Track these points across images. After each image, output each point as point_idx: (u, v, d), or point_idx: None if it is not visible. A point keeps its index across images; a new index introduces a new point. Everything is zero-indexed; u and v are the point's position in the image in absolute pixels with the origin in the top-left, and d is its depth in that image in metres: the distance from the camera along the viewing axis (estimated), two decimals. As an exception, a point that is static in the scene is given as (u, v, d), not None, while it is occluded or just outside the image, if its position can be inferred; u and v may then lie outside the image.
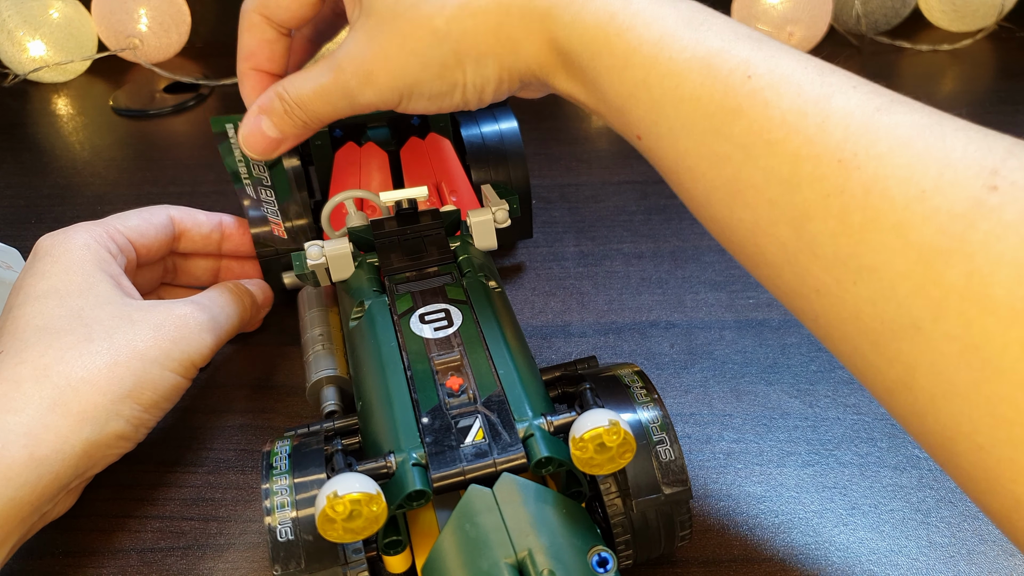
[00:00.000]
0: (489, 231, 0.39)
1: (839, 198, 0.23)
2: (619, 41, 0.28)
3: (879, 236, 0.22)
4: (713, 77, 0.26)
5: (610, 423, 0.27)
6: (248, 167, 0.43)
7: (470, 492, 0.27)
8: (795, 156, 0.24)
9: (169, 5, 0.75)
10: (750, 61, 0.26)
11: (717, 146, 0.26)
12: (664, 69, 0.27)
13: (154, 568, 0.35)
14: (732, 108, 0.26)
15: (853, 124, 0.23)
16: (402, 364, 0.32)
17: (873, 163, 0.22)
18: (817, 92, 0.24)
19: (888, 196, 0.22)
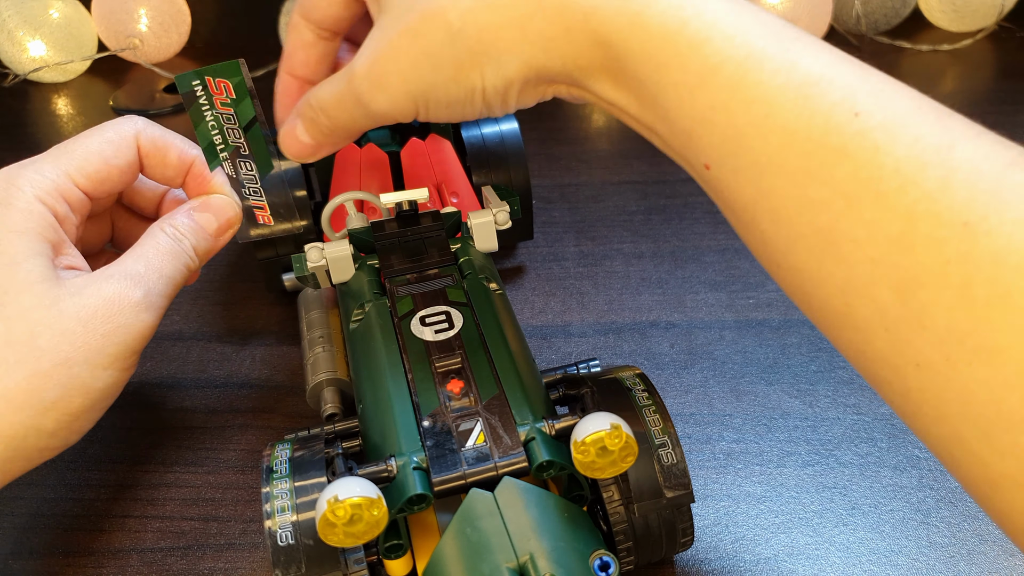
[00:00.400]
0: (490, 233, 0.39)
1: (961, 266, 0.20)
2: (694, 55, 0.24)
3: (1008, 315, 0.19)
4: (812, 109, 0.22)
5: (612, 427, 0.27)
6: (223, 133, 0.37)
7: (471, 496, 0.27)
8: (910, 212, 0.21)
9: (169, 5, 0.75)
10: (856, 95, 0.22)
11: (812, 190, 0.22)
12: (751, 94, 0.23)
13: (154, 568, 0.35)
14: (835, 148, 0.22)
15: (982, 182, 0.20)
16: (403, 367, 0.32)
17: (1007, 229, 0.19)
18: (938, 140, 0.21)
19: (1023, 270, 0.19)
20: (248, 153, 0.37)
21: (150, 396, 0.43)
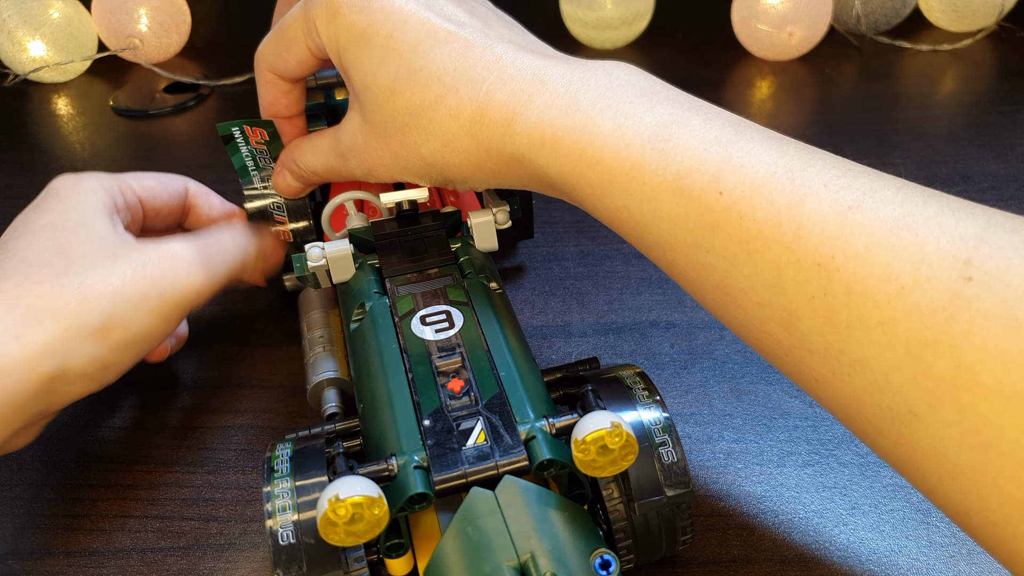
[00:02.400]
0: (490, 232, 0.39)
1: (823, 300, 0.24)
2: (593, 174, 0.29)
3: (866, 333, 0.23)
4: (687, 198, 0.27)
5: (612, 425, 0.27)
6: (255, 161, 0.42)
7: (472, 495, 0.27)
8: (776, 263, 0.25)
9: (169, 5, 0.75)
10: (719, 177, 0.26)
11: (701, 257, 0.27)
12: (639, 195, 0.28)
13: (154, 568, 0.35)
14: (709, 224, 0.27)
15: (828, 227, 0.24)
16: (403, 366, 0.32)
17: (851, 264, 0.23)
18: (789, 199, 0.25)
19: (870, 295, 0.23)
20: None
21: (150, 396, 0.43)
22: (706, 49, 0.76)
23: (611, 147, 0.29)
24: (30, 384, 0.32)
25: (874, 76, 0.70)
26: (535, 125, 0.30)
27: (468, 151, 0.32)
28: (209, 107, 0.71)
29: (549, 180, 0.31)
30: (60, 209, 0.36)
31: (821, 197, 0.25)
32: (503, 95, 0.31)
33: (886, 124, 0.63)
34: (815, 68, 0.72)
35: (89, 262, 0.34)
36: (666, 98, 0.30)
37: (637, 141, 0.28)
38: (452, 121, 0.32)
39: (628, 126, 0.29)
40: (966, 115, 0.64)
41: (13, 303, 0.32)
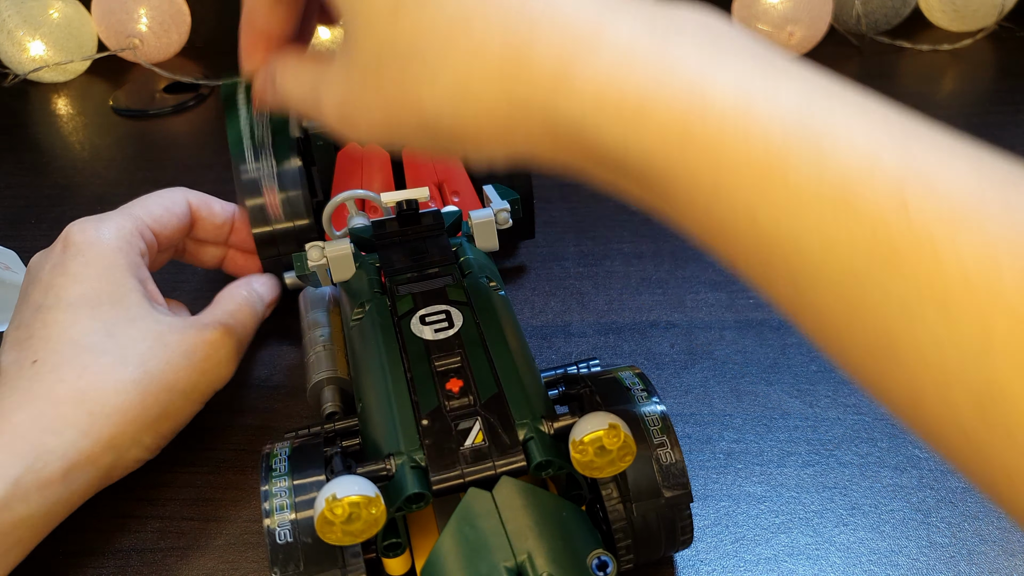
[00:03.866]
0: (490, 232, 0.39)
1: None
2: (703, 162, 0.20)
3: None
4: (854, 213, 0.19)
5: (610, 426, 0.27)
6: (252, 133, 0.42)
7: (469, 495, 0.27)
8: (983, 323, 0.17)
9: (169, 5, 0.75)
10: (904, 187, 0.18)
11: (861, 299, 0.19)
12: (777, 200, 0.20)
13: (154, 568, 0.35)
14: (884, 256, 0.18)
15: None
16: (402, 366, 0.32)
17: None
18: (1007, 233, 0.17)
19: None
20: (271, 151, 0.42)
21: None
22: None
23: (735, 125, 0.20)
24: (95, 475, 0.33)
25: (874, 76, 0.70)
26: (608, 79, 0.21)
27: (492, 105, 0.23)
28: (209, 107, 0.71)
29: (624, 163, 0.22)
30: (91, 277, 0.36)
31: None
32: (554, 32, 0.22)
33: (886, 124, 0.63)
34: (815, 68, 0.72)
35: (143, 352, 0.35)
36: (796, 69, 0.21)
37: (776, 125, 0.20)
38: (473, 57, 0.22)
39: (759, 101, 0.20)
40: (966, 115, 0.64)
41: (79, 397, 0.33)
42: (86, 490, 0.33)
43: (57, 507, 0.32)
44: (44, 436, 0.32)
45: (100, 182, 0.61)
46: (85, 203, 0.58)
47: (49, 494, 0.32)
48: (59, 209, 0.58)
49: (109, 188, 0.60)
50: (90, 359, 0.34)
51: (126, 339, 0.35)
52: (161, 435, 0.36)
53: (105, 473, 0.34)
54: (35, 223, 0.56)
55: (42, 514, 0.32)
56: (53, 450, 0.32)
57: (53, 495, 0.32)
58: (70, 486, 0.32)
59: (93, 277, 0.36)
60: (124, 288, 0.37)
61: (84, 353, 0.34)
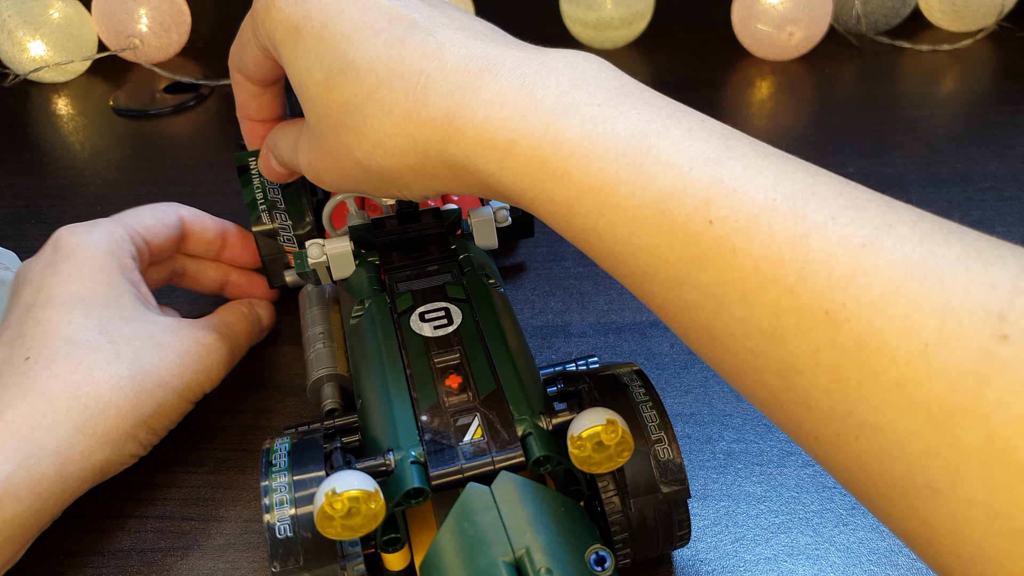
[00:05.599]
0: (490, 230, 0.39)
1: (830, 353, 0.21)
2: (557, 189, 0.25)
3: (880, 394, 0.20)
4: (669, 225, 0.23)
5: (608, 422, 0.27)
6: (264, 192, 0.43)
7: (468, 490, 0.27)
8: (775, 307, 0.22)
9: (169, 5, 0.75)
10: (709, 201, 0.23)
11: (684, 294, 0.24)
12: (612, 217, 0.24)
13: (154, 568, 0.35)
14: (696, 257, 0.23)
15: (838, 269, 0.21)
16: (402, 362, 0.32)
17: (865, 313, 0.20)
18: (792, 233, 0.21)
19: (887, 351, 0.20)
20: (284, 207, 0.43)
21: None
22: (706, 49, 0.76)
23: (579, 159, 0.24)
24: (90, 470, 0.33)
25: (874, 76, 0.70)
26: (483, 124, 0.26)
27: (403, 153, 0.28)
28: (209, 107, 0.71)
29: (503, 191, 0.27)
30: (85, 277, 0.37)
31: (829, 232, 0.21)
32: (443, 87, 0.27)
33: (886, 124, 0.63)
34: (815, 68, 0.72)
35: (137, 349, 0.35)
36: (641, 100, 0.26)
37: (610, 154, 0.24)
38: (384, 117, 0.28)
39: (598, 134, 0.24)
40: (966, 115, 0.64)
41: (73, 391, 0.33)
42: (79, 487, 0.33)
43: (49, 504, 0.32)
44: (37, 432, 0.32)
45: (100, 182, 0.61)
46: (85, 203, 0.58)
47: (42, 491, 0.31)
48: (59, 209, 0.58)
49: (109, 188, 0.60)
50: (83, 355, 0.34)
51: (120, 336, 0.35)
52: (154, 431, 0.36)
53: (99, 470, 0.34)
54: (35, 223, 0.56)
55: (33, 511, 0.31)
56: (46, 446, 0.32)
57: (46, 492, 0.32)
58: (63, 483, 0.32)
59: (86, 277, 0.37)
60: (118, 289, 0.37)
61: (77, 349, 0.34)
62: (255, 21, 0.33)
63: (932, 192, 0.55)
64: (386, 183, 0.30)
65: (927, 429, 0.19)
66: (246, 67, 0.36)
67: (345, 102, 0.29)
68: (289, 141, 0.35)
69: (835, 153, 0.60)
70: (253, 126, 0.39)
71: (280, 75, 0.37)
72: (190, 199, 0.53)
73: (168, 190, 0.59)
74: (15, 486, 0.31)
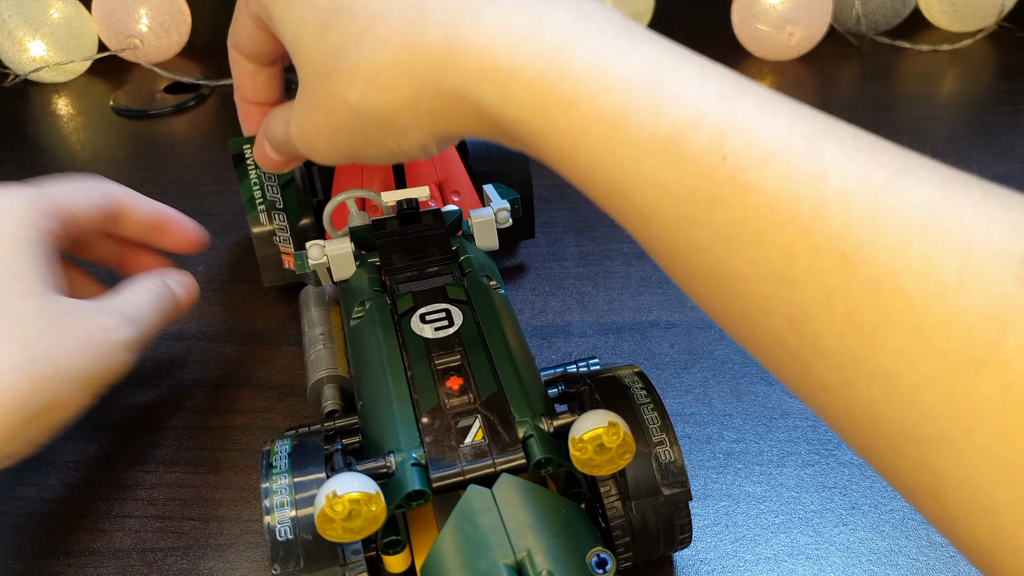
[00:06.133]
0: (490, 231, 0.39)
1: (844, 295, 0.20)
2: (562, 120, 0.24)
3: (895, 339, 0.19)
4: (681, 159, 0.22)
5: (610, 424, 0.27)
6: (263, 189, 0.43)
7: (469, 492, 0.27)
8: (788, 248, 0.21)
9: (169, 5, 0.75)
10: (724, 135, 0.22)
11: (693, 233, 0.23)
12: (620, 151, 0.23)
13: (154, 568, 0.35)
14: (708, 195, 0.22)
15: (855, 208, 0.20)
16: (402, 364, 0.32)
17: (883, 255, 0.19)
18: (808, 170, 0.21)
19: (904, 294, 0.19)
20: (283, 207, 0.42)
21: (150, 396, 0.43)
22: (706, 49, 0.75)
23: (587, 87, 0.23)
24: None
25: (874, 76, 0.70)
26: (484, 48, 0.24)
27: (399, 86, 0.26)
28: (209, 107, 0.71)
29: (503, 124, 0.25)
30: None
31: (847, 171, 0.20)
32: (442, 14, 0.25)
33: (886, 124, 0.63)
34: (815, 68, 0.72)
35: (34, 331, 0.31)
36: (650, 38, 0.24)
37: (621, 84, 0.23)
38: (379, 51, 0.26)
39: (609, 63, 0.23)
40: (966, 115, 0.64)
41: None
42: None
43: None
44: None
45: (100, 182, 0.61)
46: (85, 203, 0.58)
47: None
48: (59, 209, 0.58)
49: (109, 188, 0.60)
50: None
51: (12, 315, 0.31)
52: (45, 427, 0.31)
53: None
54: (35, 223, 0.56)
55: None
56: None
57: None
58: None
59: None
60: (22, 261, 0.32)
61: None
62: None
63: (932, 192, 0.55)
64: (380, 130, 0.28)
65: (943, 376, 0.19)
66: (241, 41, 0.35)
67: (339, 43, 0.27)
68: (282, 117, 0.33)
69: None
70: (249, 109, 0.38)
71: (277, 55, 0.36)
72: (190, 199, 0.53)
73: (168, 190, 0.59)
74: None
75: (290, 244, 0.44)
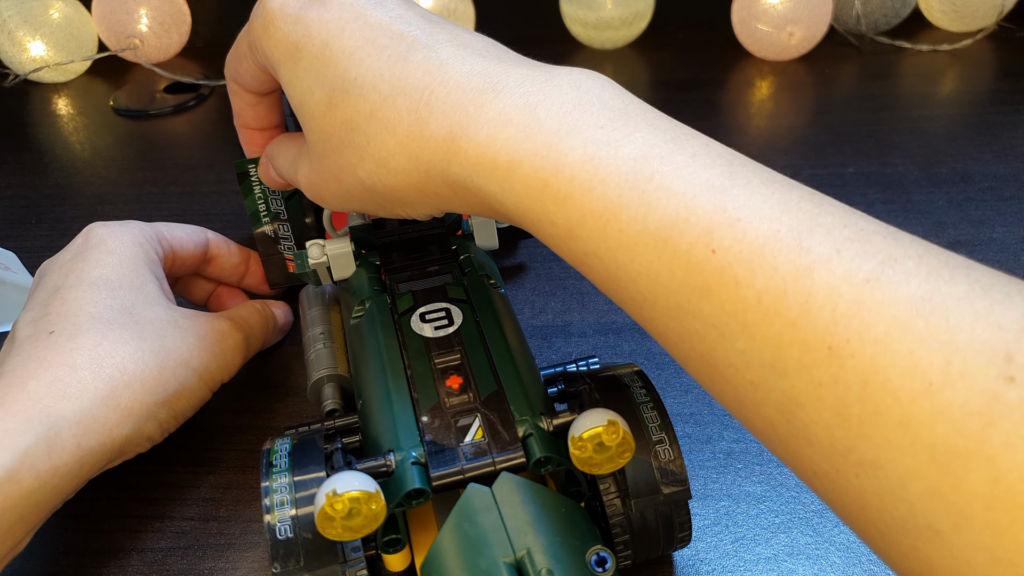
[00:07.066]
0: (490, 230, 0.39)
1: (832, 388, 0.20)
2: (559, 211, 0.25)
3: (883, 432, 0.20)
4: (672, 253, 0.23)
5: (609, 422, 0.27)
6: (267, 203, 0.43)
7: (469, 491, 0.27)
8: (777, 340, 0.21)
9: (169, 5, 0.75)
10: (712, 230, 0.22)
11: (685, 322, 0.23)
12: (613, 243, 0.24)
13: (154, 568, 0.35)
14: (698, 286, 0.23)
15: (841, 303, 0.20)
16: (402, 363, 0.32)
17: (869, 350, 0.20)
18: (795, 265, 0.21)
19: (890, 389, 0.19)
20: (287, 218, 0.44)
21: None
22: (706, 49, 0.76)
23: (581, 182, 0.24)
24: (110, 445, 0.33)
25: (874, 76, 0.70)
26: (485, 144, 0.26)
27: (407, 172, 0.28)
28: (209, 107, 0.71)
29: (504, 211, 0.27)
30: (113, 263, 0.37)
31: (833, 265, 0.21)
32: (446, 105, 0.27)
33: (886, 124, 0.63)
34: (815, 68, 0.72)
35: (159, 329, 0.36)
36: (644, 123, 0.25)
37: (613, 178, 0.24)
38: (388, 136, 0.28)
39: (601, 158, 0.24)
40: (966, 115, 0.64)
41: (98, 363, 0.33)
42: (96, 464, 0.32)
43: (66, 481, 0.31)
44: (60, 402, 0.31)
45: (100, 182, 0.61)
46: (85, 203, 0.58)
47: (60, 466, 0.30)
48: (59, 209, 0.58)
49: (109, 188, 0.60)
50: (108, 330, 0.34)
51: (143, 317, 0.36)
52: (175, 413, 0.36)
53: (118, 447, 0.33)
54: (35, 223, 0.56)
55: (51, 488, 0.30)
56: (68, 417, 0.31)
57: (64, 467, 0.31)
58: (82, 458, 0.31)
59: (114, 264, 0.37)
60: (143, 277, 0.37)
61: (102, 324, 0.34)
62: (252, 38, 0.33)
63: (932, 192, 0.55)
64: (389, 202, 0.30)
65: (930, 470, 0.19)
66: (242, 79, 0.36)
67: (348, 120, 0.29)
68: (288, 158, 0.35)
69: (835, 153, 0.60)
70: (251, 134, 0.39)
71: (277, 85, 0.37)
72: (190, 199, 0.53)
73: (168, 190, 0.59)
74: (34, 459, 0.30)
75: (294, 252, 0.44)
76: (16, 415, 0.30)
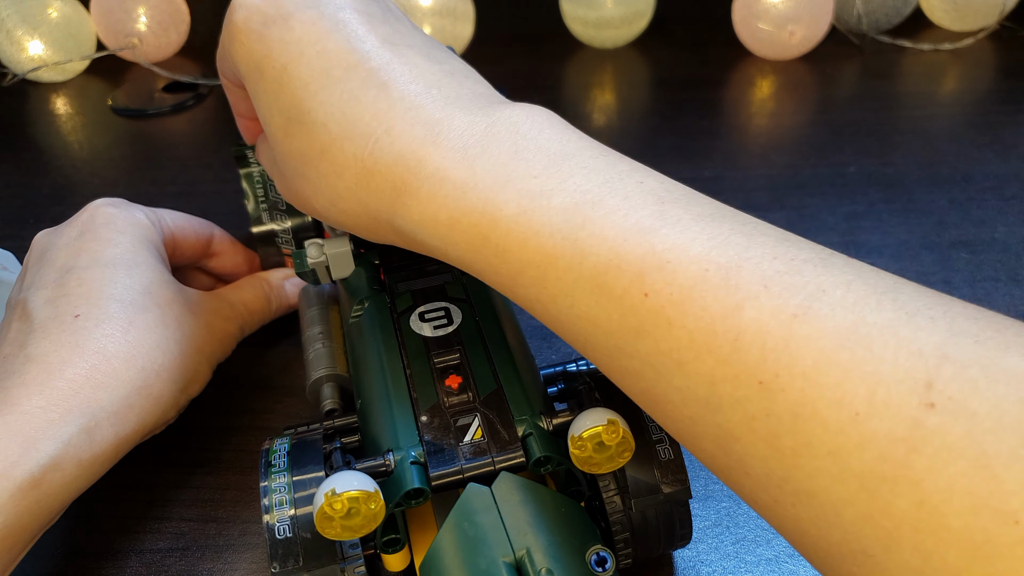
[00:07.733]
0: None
1: (765, 421, 0.21)
2: (500, 263, 0.26)
3: (814, 462, 0.20)
4: (607, 297, 0.24)
5: (609, 422, 0.27)
6: (265, 189, 0.43)
7: (468, 491, 0.27)
8: (711, 377, 0.22)
9: (168, 4, 0.75)
10: (644, 274, 0.23)
11: (624, 362, 0.24)
12: (552, 289, 0.25)
13: (152, 569, 0.35)
14: (633, 328, 0.23)
15: (770, 340, 0.21)
16: (401, 362, 0.32)
17: (798, 383, 0.21)
18: (724, 304, 0.22)
19: (819, 420, 0.20)
20: (284, 208, 0.44)
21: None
22: (707, 48, 0.76)
23: (516, 235, 0.25)
24: (142, 432, 0.34)
25: (875, 75, 0.70)
26: (427, 201, 0.27)
27: (357, 215, 0.29)
28: (208, 106, 0.71)
29: (451, 261, 0.28)
30: (126, 243, 0.37)
31: (761, 302, 0.22)
32: (390, 157, 0.27)
33: (887, 123, 0.63)
34: (816, 67, 0.72)
35: (178, 314, 0.37)
36: (579, 166, 0.26)
37: (546, 230, 0.25)
38: (337, 179, 0.29)
39: (534, 210, 0.25)
40: (967, 114, 0.64)
41: (130, 352, 0.34)
42: (126, 451, 0.33)
43: (102, 470, 0.32)
44: (98, 392, 0.32)
45: (99, 182, 0.61)
46: (84, 202, 0.57)
47: (99, 454, 0.31)
48: (58, 209, 0.58)
49: (108, 188, 0.60)
50: (134, 315, 0.34)
51: (162, 299, 0.36)
52: (189, 396, 0.37)
53: (146, 434, 0.34)
54: (33, 223, 0.56)
55: (89, 476, 0.31)
56: (106, 407, 0.32)
57: (103, 456, 0.32)
58: (119, 447, 0.32)
59: (127, 243, 0.37)
60: (154, 256, 0.38)
61: (127, 309, 0.34)
62: (222, 46, 0.33)
63: (933, 192, 0.55)
64: (349, 231, 0.31)
65: (860, 496, 0.20)
66: (229, 75, 0.36)
67: (302, 153, 0.30)
68: (266, 161, 0.36)
69: (836, 153, 0.60)
70: (248, 124, 0.40)
71: None
72: (189, 198, 0.53)
73: (167, 190, 0.59)
74: (77, 448, 0.30)
75: (291, 245, 0.44)
76: (59, 404, 0.31)
